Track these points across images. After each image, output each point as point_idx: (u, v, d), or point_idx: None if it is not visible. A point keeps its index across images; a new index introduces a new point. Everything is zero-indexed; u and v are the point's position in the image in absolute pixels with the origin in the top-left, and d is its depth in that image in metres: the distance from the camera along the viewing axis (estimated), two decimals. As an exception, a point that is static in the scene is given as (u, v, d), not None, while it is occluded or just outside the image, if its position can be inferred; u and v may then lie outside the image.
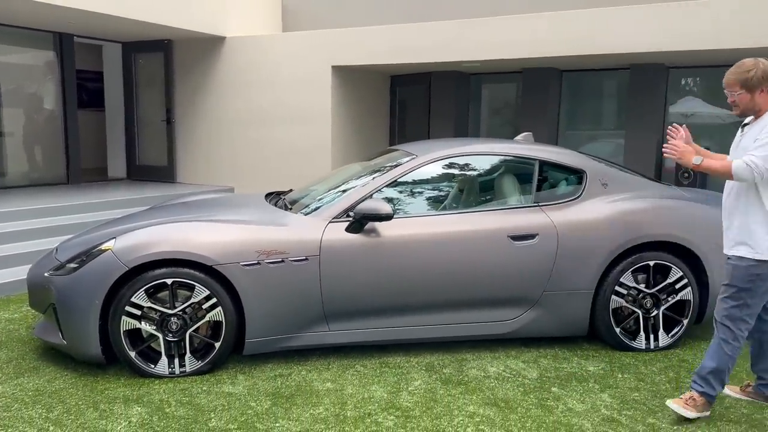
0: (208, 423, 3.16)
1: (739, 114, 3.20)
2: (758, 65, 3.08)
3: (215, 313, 3.70)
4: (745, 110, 3.15)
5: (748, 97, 3.11)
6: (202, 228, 3.78)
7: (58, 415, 3.24)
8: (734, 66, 3.16)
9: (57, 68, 8.95)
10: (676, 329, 4.20)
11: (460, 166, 4.33)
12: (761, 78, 3.07)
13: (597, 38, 6.86)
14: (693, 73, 8.04)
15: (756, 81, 3.07)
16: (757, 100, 3.10)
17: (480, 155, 4.36)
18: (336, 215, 3.93)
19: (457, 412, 3.31)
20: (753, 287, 3.08)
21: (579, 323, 4.14)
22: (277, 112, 8.79)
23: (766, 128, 3.03)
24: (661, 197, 4.28)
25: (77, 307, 3.62)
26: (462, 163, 4.33)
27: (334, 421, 3.20)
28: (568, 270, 4.04)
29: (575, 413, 3.31)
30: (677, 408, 3.19)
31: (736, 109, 3.18)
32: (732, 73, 3.14)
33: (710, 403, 3.22)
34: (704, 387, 3.19)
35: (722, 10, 6.31)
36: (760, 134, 3.03)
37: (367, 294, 3.88)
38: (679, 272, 4.12)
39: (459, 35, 7.56)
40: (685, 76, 8.09)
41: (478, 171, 4.37)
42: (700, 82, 8.08)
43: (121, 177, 10.30)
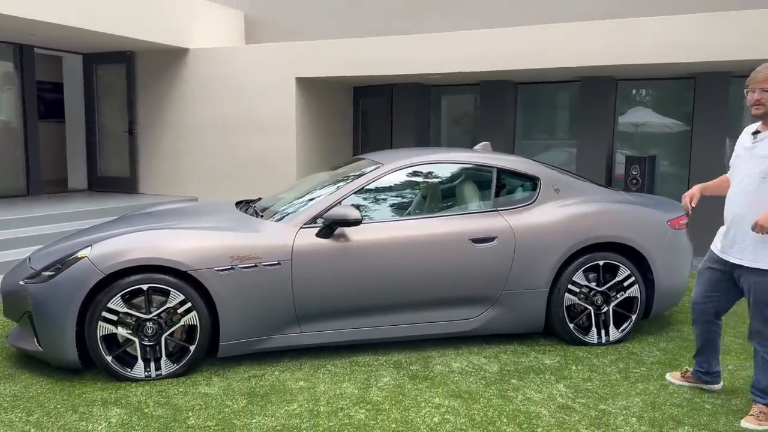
0: (186, 421, 3.30)
1: (760, 114, 3.19)
2: None
3: (190, 317, 3.83)
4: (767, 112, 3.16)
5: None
6: (177, 235, 3.91)
7: (38, 418, 3.32)
8: (763, 65, 3.17)
9: (17, 79, 8.88)
10: (626, 324, 4.51)
11: (423, 173, 4.57)
12: None
13: (548, 53, 7.22)
14: (640, 84, 8.50)
15: None
16: None
17: (442, 163, 4.61)
18: (307, 221, 4.11)
19: (424, 404, 3.52)
20: None
21: (535, 320, 4.42)
22: (242, 123, 8.91)
23: None
24: (609, 201, 4.60)
25: (54, 313, 3.70)
26: (425, 171, 4.57)
27: (308, 416, 3.37)
28: (525, 270, 4.31)
29: (533, 402, 3.56)
30: (753, 426, 3.25)
31: (759, 109, 3.17)
32: (763, 71, 3.13)
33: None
34: (766, 398, 3.30)
35: (662, 27, 6.75)
36: None
37: (337, 296, 4.07)
38: (626, 271, 4.44)
39: (418, 49, 7.84)
40: (633, 88, 8.56)
41: (440, 178, 4.61)
42: (648, 94, 8.55)
43: (82, 188, 10.22)
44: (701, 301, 3.55)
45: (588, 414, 3.42)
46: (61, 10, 7.27)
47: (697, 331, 3.64)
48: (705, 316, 3.56)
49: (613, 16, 7.82)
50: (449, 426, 3.26)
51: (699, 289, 3.56)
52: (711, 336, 3.60)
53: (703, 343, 3.63)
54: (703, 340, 3.62)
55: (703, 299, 3.53)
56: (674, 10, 7.42)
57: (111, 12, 7.90)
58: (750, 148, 3.28)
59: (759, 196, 3.18)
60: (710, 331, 3.59)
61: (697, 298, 3.57)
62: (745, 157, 3.29)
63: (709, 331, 3.59)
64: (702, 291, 3.54)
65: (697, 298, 3.56)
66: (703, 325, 3.58)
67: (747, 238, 3.23)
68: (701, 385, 3.72)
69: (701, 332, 3.61)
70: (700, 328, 3.61)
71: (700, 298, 3.55)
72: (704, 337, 3.61)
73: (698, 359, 3.71)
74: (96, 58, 9.82)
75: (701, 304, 3.55)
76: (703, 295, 3.53)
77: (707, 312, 3.54)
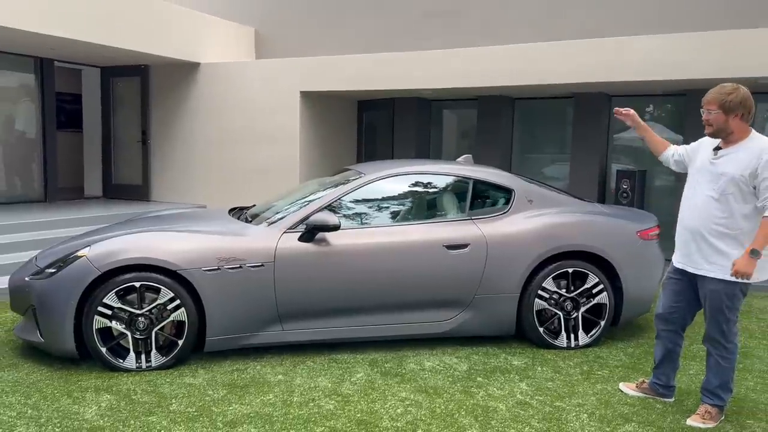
0: (169, 407, 3.59)
1: (710, 133, 3.38)
2: (738, 90, 3.30)
3: (179, 313, 4.13)
4: (717, 131, 3.34)
5: (723, 118, 3.30)
6: (168, 237, 4.23)
7: (36, 401, 3.64)
8: (717, 87, 3.36)
9: (37, 91, 9.37)
10: (595, 330, 4.72)
11: (403, 183, 4.84)
12: (738, 103, 3.27)
13: (542, 70, 7.48)
14: (634, 101, 8.70)
15: (733, 105, 3.27)
16: (731, 123, 3.30)
17: (422, 174, 4.88)
18: (290, 226, 4.41)
19: (391, 397, 3.77)
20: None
21: (507, 324, 4.65)
22: (249, 134, 9.29)
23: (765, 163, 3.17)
24: (580, 212, 4.83)
25: (55, 308, 4.04)
26: (405, 181, 4.84)
27: (281, 405, 3.65)
28: (497, 276, 4.55)
29: (493, 398, 3.79)
30: (697, 424, 3.43)
31: (709, 128, 3.36)
32: (712, 93, 3.34)
33: (723, 411, 3.51)
34: (714, 400, 3.48)
35: (650, 45, 6.98)
36: (763, 170, 3.19)
37: (318, 297, 4.35)
38: (595, 278, 4.66)
39: (418, 65, 8.16)
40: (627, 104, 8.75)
41: (419, 188, 4.88)
42: (642, 109, 8.74)
43: (97, 195, 10.67)
44: (667, 312, 3.65)
45: (542, 410, 3.64)
46: (81, 26, 7.72)
47: (659, 344, 3.74)
48: (670, 327, 3.66)
49: (605, 35, 8.06)
50: (410, 417, 3.51)
51: (664, 300, 3.68)
52: (673, 349, 3.70)
53: (665, 356, 3.72)
54: (665, 352, 3.72)
55: (669, 310, 3.64)
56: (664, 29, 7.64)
57: (128, 28, 8.35)
58: (709, 164, 3.43)
59: (714, 210, 3.34)
60: (674, 343, 3.69)
61: (662, 310, 3.67)
62: (705, 171, 3.45)
63: (673, 344, 3.69)
64: (667, 302, 3.65)
65: (663, 309, 3.67)
66: (667, 337, 3.69)
67: (702, 249, 3.41)
68: (655, 397, 3.82)
69: (664, 344, 3.71)
70: (663, 340, 3.71)
71: (665, 309, 3.66)
72: (667, 349, 3.71)
73: (657, 372, 3.79)
74: (113, 71, 10.29)
75: (667, 314, 3.65)
76: (669, 306, 3.64)
77: (673, 323, 3.65)
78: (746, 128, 3.38)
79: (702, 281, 3.47)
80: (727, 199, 3.32)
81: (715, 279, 3.39)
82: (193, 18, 9.51)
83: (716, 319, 3.43)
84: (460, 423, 3.45)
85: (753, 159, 3.26)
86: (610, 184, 8.63)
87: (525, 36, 8.66)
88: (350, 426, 3.39)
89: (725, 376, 3.47)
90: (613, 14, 8.55)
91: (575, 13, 8.77)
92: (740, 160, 3.30)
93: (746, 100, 3.33)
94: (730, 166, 3.33)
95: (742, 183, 3.28)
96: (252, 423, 3.40)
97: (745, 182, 3.28)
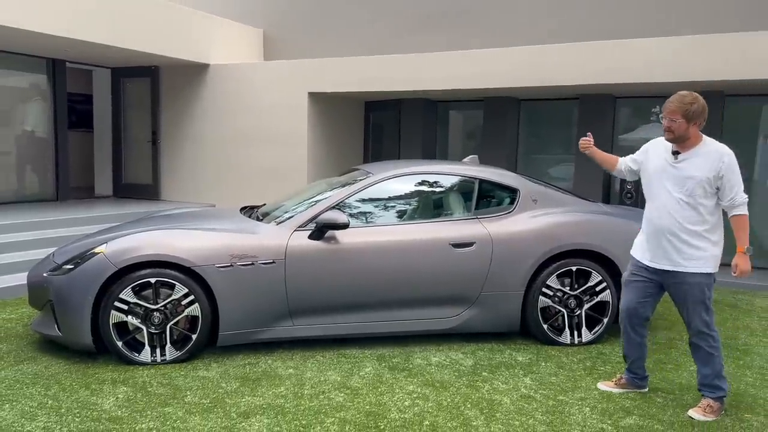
0: (184, 399, 3.71)
1: (671, 139, 3.58)
2: (698, 100, 3.52)
3: (193, 308, 4.26)
4: (678, 137, 3.55)
5: (685, 126, 3.50)
6: (183, 235, 4.36)
7: (55, 392, 3.77)
8: (677, 95, 3.56)
9: (49, 91, 9.52)
10: (598, 327, 4.82)
11: (410, 183, 4.95)
12: (700, 112, 3.50)
13: (547, 72, 7.58)
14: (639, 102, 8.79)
15: (695, 114, 3.49)
16: (690, 130, 3.51)
17: (428, 174, 5.00)
18: (300, 224, 4.53)
19: (399, 390, 3.89)
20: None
21: (512, 320, 4.76)
22: (257, 135, 9.41)
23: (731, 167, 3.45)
24: (584, 212, 4.93)
25: (72, 302, 4.17)
26: (412, 180, 4.95)
27: (293, 397, 3.76)
28: (502, 273, 4.66)
29: (498, 392, 3.90)
30: (698, 416, 3.57)
31: (670, 135, 3.56)
32: (674, 102, 3.53)
33: (723, 402, 3.64)
34: (715, 392, 3.61)
35: (656, 48, 7.07)
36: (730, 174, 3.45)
37: (327, 293, 4.46)
38: (598, 276, 4.76)
39: (424, 66, 8.26)
40: (632, 105, 8.85)
41: (425, 187, 4.99)
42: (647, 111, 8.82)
43: (107, 195, 10.82)
44: (634, 307, 3.78)
45: (546, 403, 3.75)
46: (93, 28, 7.86)
47: (629, 340, 3.86)
48: (637, 321, 3.80)
49: (610, 37, 8.15)
50: (417, 409, 3.62)
51: (630, 296, 3.80)
52: (642, 341, 3.86)
53: (636, 350, 3.87)
54: (635, 346, 3.86)
55: (636, 304, 3.77)
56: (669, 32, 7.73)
57: (138, 30, 8.49)
58: (671, 167, 3.60)
59: (683, 210, 3.55)
60: (642, 336, 3.84)
61: (629, 305, 3.79)
62: (667, 174, 3.61)
63: (641, 336, 3.84)
64: (634, 298, 3.77)
65: (630, 305, 3.79)
66: (635, 330, 3.82)
67: (677, 247, 3.56)
68: (635, 390, 3.95)
69: (634, 338, 3.84)
70: (631, 335, 3.84)
71: (633, 304, 3.78)
72: (637, 343, 3.85)
73: (633, 366, 3.92)
74: (123, 72, 10.43)
75: (634, 309, 3.78)
76: (636, 301, 3.77)
77: (639, 316, 3.79)
78: (700, 134, 3.62)
79: (678, 277, 3.60)
80: (695, 200, 3.53)
81: (695, 273, 3.55)
82: (202, 20, 9.64)
83: (698, 311, 3.58)
84: (466, 415, 3.56)
85: (715, 162, 3.49)
86: (615, 185, 8.71)
87: (531, 38, 8.76)
88: (359, 417, 3.50)
89: (717, 364, 3.61)
90: (618, 16, 8.64)
91: (581, 15, 8.86)
92: (702, 163, 3.52)
93: (705, 110, 3.58)
94: (694, 170, 3.54)
95: (707, 184, 3.52)
96: (264, 414, 3.52)
97: (709, 183, 3.52)
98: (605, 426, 3.46)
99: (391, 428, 3.38)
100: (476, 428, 3.40)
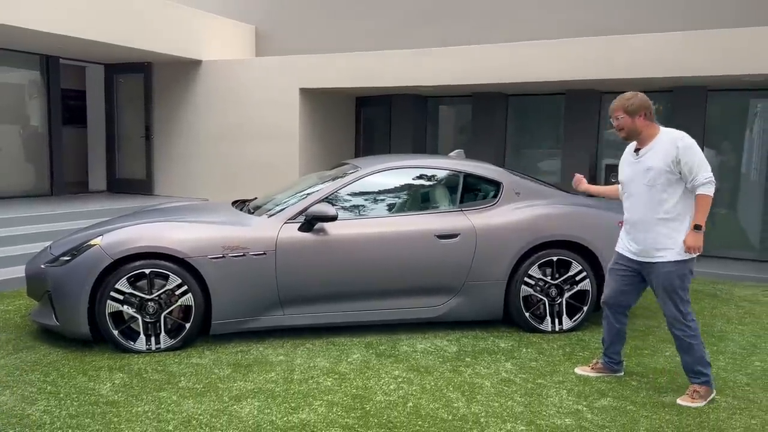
0: (178, 384, 3.86)
1: (624, 137, 3.80)
2: (637, 95, 3.76)
3: (186, 298, 4.41)
4: (629, 133, 3.76)
5: (629, 120, 3.73)
6: (176, 227, 4.50)
7: (54, 378, 3.92)
8: (617, 97, 3.81)
9: (43, 87, 9.62)
10: (578, 315, 4.99)
11: (397, 176, 5.10)
12: (639, 105, 3.72)
13: (533, 68, 7.74)
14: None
15: (635, 107, 3.71)
16: (637, 123, 3.73)
17: (415, 168, 5.15)
18: (290, 217, 4.68)
19: (384, 375, 4.05)
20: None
21: (495, 309, 4.93)
22: (249, 130, 9.54)
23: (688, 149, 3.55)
24: (565, 204, 5.10)
25: (70, 293, 4.31)
26: (399, 174, 5.10)
27: (283, 381, 3.92)
28: (485, 264, 4.82)
29: (479, 375, 4.07)
30: (686, 403, 3.68)
31: (622, 132, 3.78)
32: (616, 102, 3.79)
33: (711, 385, 3.75)
34: (699, 377, 3.74)
35: (641, 44, 7.23)
36: (687, 156, 3.55)
37: (316, 283, 4.62)
38: (578, 266, 4.93)
39: (414, 63, 8.41)
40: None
41: (412, 181, 5.14)
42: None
43: (101, 190, 10.93)
44: (615, 296, 3.96)
45: (525, 386, 3.92)
46: (86, 25, 7.96)
47: (608, 326, 4.05)
48: (618, 309, 3.98)
49: (596, 33, 8.31)
50: (402, 392, 3.79)
51: (613, 285, 3.97)
52: (622, 328, 4.04)
53: (614, 336, 4.05)
54: (614, 332, 4.04)
55: (618, 293, 3.95)
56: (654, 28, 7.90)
57: (131, 27, 8.59)
58: (635, 164, 3.80)
59: (651, 201, 3.70)
60: (621, 323, 4.02)
61: (611, 293, 3.98)
62: (634, 171, 3.79)
63: (621, 324, 4.02)
64: (616, 287, 3.95)
65: (612, 293, 3.98)
66: (616, 318, 4.00)
67: (648, 239, 3.72)
68: (611, 374, 4.12)
69: (614, 324, 4.02)
70: (612, 322, 4.02)
71: (614, 293, 3.96)
72: (616, 329, 4.03)
73: (609, 351, 4.10)
74: (117, 68, 10.53)
75: (615, 297, 3.96)
76: (618, 290, 3.95)
77: (621, 305, 3.97)
78: (653, 126, 3.78)
79: (653, 267, 3.75)
80: (660, 189, 3.66)
81: (666, 262, 3.69)
82: (195, 16, 9.75)
83: (672, 299, 3.72)
84: (448, 397, 3.73)
85: (671, 149, 3.63)
86: (600, 178, 8.90)
87: (521, 34, 8.90)
88: (346, 400, 3.67)
89: (698, 352, 3.73)
90: (605, 13, 8.80)
91: (570, 12, 9.02)
92: (659, 152, 3.68)
93: (645, 101, 3.77)
94: (653, 159, 3.70)
95: (668, 172, 3.65)
96: (255, 397, 3.68)
97: (670, 171, 3.64)
98: (580, 407, 3.64)
99: (376, 410, 3.54)
100: (457, 409, 3.57)
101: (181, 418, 3.40)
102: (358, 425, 3.36)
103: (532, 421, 3.44)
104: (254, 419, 3.41)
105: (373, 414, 3.49)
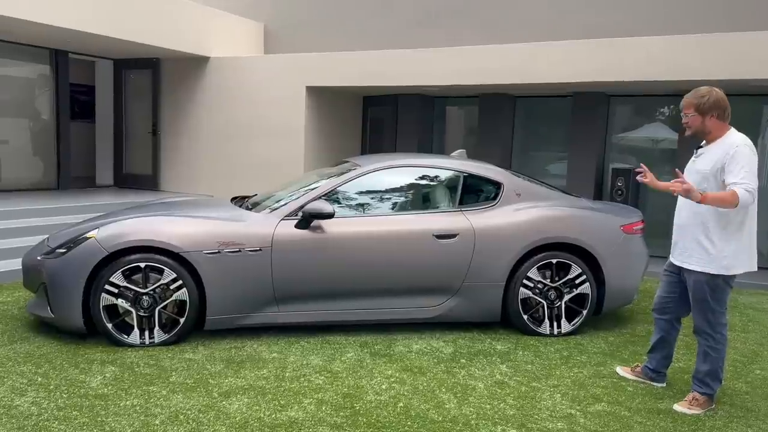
0: (169, 378, 3.85)
1: (691, 135, 3.61)
2: (712, 93, 3.51)
3: (181, 293, 4.39)
4: (696, 132, 3.58)
5: (699, 119, 3.52)
6: (172, 221, 4.49)
7: (46, 370, 3.91)
8: (692, 91, 3.58)
9: (52, 82, 9.66)
10: (577, 318, 4.93)
11: (397, 175, 5.06)
12: (713, 104, 3.48)
13: (541, 69, 7.67)
14: (632, 100, 8.87)
15: (707, 106, 3.49)
16: (707, 123, 3.52)
17: (415, 167, 5.11)
18: (287, 214, 4.65)
19: (377, 375, 4.01)
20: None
21: (493, 311, 4.87)
22: (255, 128, 9.54)
23: (734, 156, 3.35)
24: (566, 206, 5.03)
25: (64, 285, 4.31)
26: (399, 173, 5.06)
27: (274, 379, 3.89)
28: (484, 265, 4.77)
29: (473, 377, 4.02)
30: (682, 409, 3.61)
31: (689, 130, 3.61)
32: (688, 97, 3.57)
33: (712, 399, 3.68)
34: (703, 388, 3.66)
35: (651, 46, 7.15)
36: (731, 163, 3.35)
37: (312, 281, 4.59)
38: (578, 269, 4.86)
39: (421, 63, 8.37)
40: (625, 104, 8.93)
41: (412, 180, 5.10)
42: (639, 109, 8.90)
43: (108, 184, 10.98)
44: (659, 301, 3.89)
45: (518, 389, 3.87)
46: (96, 20, 7.99)
47: (655, 331, 3.96)
48: (664, 316, 3.89)
49: (607, 35, 8.23)
50: (393, 392, 3.75)
51: (659, 292, 3.92)
52: (666, 337, 3.91)
53: (658, 342, 3.94)
54: (658, 339, 3.94)
55: (662, 301, 3.88)
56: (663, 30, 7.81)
57: (140, 22, 8.61)
58: (691, 163, 3.68)
59: (693, 206, 3.53)
60: (666, 332, 3.90)
61: (657, 299, 3.92)
62: (688, 171, 3.67)
63: (666, 332, 3.90)
64: (661, 293, 3.89)
65: (657, 300, 3.92)
66: (661, 326, 3.91)
67: (688, 245, 3.62)
68: (647, 381, 4.02)
69: (658, 332, 3.93)
70: (658, 328, 3.93)
71: (659, 299, 3.91)
72: (660, 337, 3.92)
73: (650, 356, 4.01)
74: (125, 63, 10.57)
75: (660, 303, 3.89)
76: (662, 297, 3.88)
77: (667, 313, 3.88)
78: (724, 127, 3.56)
79: (688, 274, 3.67)
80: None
81: (698, 272, 3.58)
82: (203, 13, 9.77)
83: (701, 309, 3.62)
84: (440, 398, 3.68)
85: (723, 154, 3.46)
86: (607, 182, 8.80)
87: (528, 35, 8.83)
88: (336, 398, 3.63)
89: (714, 365, 3.63)
90: (615, 15, 8.71)
91: (578, 13, 8.93)
92: (712, 156, 3.51)
93: (720, 101, 3.52)
94: (705, 162, 3.55)
95: (713, 177, 3.48)
96: (245, 394, 3.65)
97: (715, 176, 3.48)
98: (573, 411, 3.58)
99: (365, 409, 3.50)
100: (448, 411, 3.52)
101: (168, 413, 3.38)
102: (346, 424, 3.32)
103: (523, 424, 3.39)
104: (242, 415, 3.38)
105: (363, 413, 3.45)
